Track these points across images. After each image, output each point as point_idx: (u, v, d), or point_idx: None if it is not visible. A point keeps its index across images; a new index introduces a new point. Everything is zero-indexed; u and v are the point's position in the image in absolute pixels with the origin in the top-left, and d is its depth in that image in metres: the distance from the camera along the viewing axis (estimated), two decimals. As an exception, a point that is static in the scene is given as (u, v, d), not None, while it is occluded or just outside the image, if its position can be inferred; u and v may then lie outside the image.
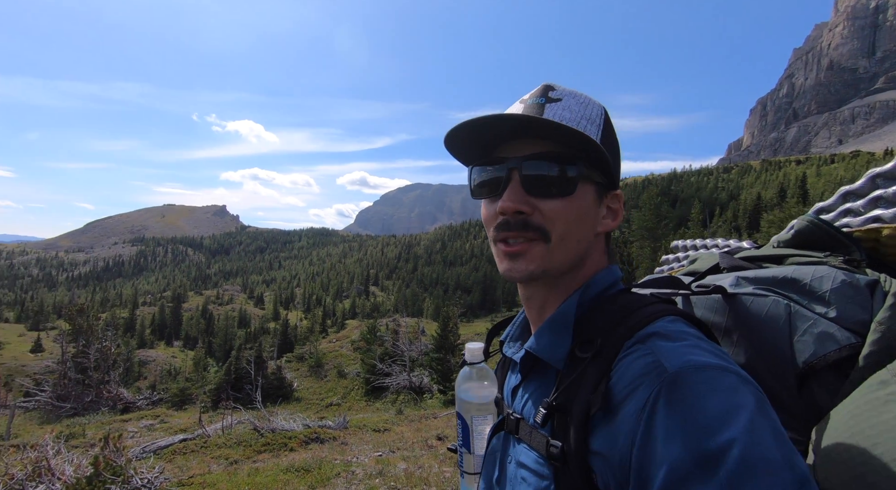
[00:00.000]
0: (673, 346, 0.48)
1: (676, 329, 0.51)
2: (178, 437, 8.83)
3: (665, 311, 0.54)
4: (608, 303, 0.58)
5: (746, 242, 1.24)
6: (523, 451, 0.58)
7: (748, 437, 0.39)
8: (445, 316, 18.23)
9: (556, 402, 0.52)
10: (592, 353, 0.52)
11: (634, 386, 0.46)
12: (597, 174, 0.59)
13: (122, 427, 10.93)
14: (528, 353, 0.61)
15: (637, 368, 0.47)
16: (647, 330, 0.51)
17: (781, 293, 0.67)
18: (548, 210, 0.57)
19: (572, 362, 0.54)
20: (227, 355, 33.66)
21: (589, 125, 0.59)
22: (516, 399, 0.65)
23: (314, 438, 7.87)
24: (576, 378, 0.52)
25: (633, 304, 0.56)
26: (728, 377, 0.43)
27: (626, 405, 0.46)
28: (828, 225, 0.81)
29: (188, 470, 6.29)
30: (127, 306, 70.86)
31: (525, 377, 0.64)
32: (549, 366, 0.59)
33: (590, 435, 0.49)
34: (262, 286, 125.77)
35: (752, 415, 0.40)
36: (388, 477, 5.05)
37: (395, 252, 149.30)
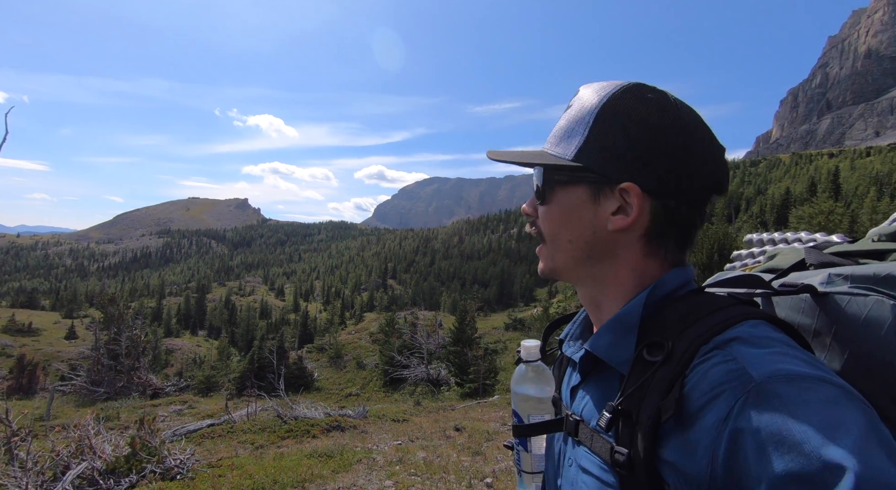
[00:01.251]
0: (758, 352, 0.44)
1: (761, 334, 0.47)
2: (206, 422, 9.18)
3: (747, 314, 0.50)
4: (679, 304, 0.55)
5: (837, 236, 1.13)
6: (584, 454, 0.56)
7: (859, 459, 0.34)
8: (463, 310, 18.32)
9: (621, 406, 0.49)
10: (663, 357, 0.49)
11: (714, 394, 0.42)
12: (589, 174, 0.58)
13: (153, 411, 11.41)
14: (588, 354, 0.59)
15: (716, 376, 0.43)
16: (726, 334, 0.47)
17: (885, 292, 0.57)
18: (540, 214, 0.63)
19: (639, 366, 0.51)
20: (249, 345, 34.57)
21: (577, 126, 0.59)
22: (576, 400, 0.62)
23: (335, 426, 8.09)
24: (644, 382, 0.49)
25: (708, 306, 0.52)
26: (827, 388, 0.39)
27: (704, 415, 0.42)
28: None
29: (216, 453, 6.56)
30: (154, 296, 73.37)
31: (585, 378, 0.61)
32: (612, 368, 0.56)
33: (661, 444, 0.46)
34: (283, 278, 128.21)
35: (861, 431, 0.36)
36: (407, 464, 5.19)
37: (413, 246, 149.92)
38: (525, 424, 0.65)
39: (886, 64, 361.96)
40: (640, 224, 0.56)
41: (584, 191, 0.58)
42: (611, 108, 0.57)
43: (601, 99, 0.58)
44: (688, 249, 0.59)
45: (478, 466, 5.09)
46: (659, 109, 0.55)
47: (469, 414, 9.88)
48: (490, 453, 5.73)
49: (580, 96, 0.61)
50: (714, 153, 0.55)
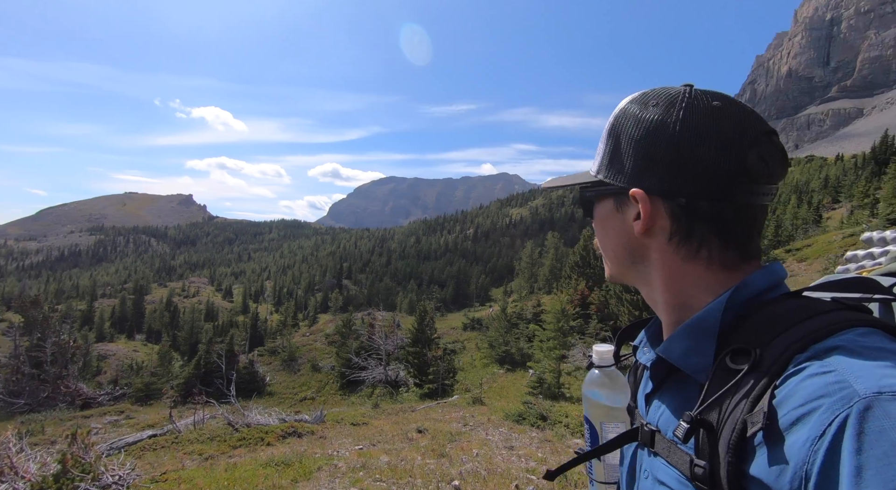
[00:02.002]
0: (865, 364, 0.39)
1: (871, 344, 0.41)
2: (147, 433, 8.53)
3: (854, 320, 0.44)
4: (769, 307, 0.50)
5: None
6: (660, 466, 0.53)
7: None
8: (422, 310, 18.22)
9: (700, 416, 0.46)
10: (750, 365, 0.45)
11: (809, 408, 0.39)
12: (610, 186, 0.60)
13: (84, 423, 10.44)
14: (660, 360, 0.56)
15: (813, 388, 0.39)
16: (827, 343, 0.42)
17: None
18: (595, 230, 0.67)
19: (720, 373, 0.48)
20: (193, 349, 32.58)
21: (601, 144, 0.63)
22: (651, 408, 0.59)
23: (291, 433, 7.75)
24: (727, 392, 0.45)
25: (804, 311, 0.47)
26: None
27: (796, 430, 0.39)
28: None
29: (160, 466, 6.09)
30: (85, 298, 67.41)
31: (659, 386, 0.59)
32: (690, 376, 0.52)
33: (746, 459, 0.42)
34: (231, 279, 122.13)
35: None
36: (371, 470, 5.04)
37: (369, 245, 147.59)
38: (601, 445, 0.61)
39: (804, 84, 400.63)
40: (660, 226, 0.55)
41: (611, 202, 0.61)
42: (618, 121, 0.60)
43: (613, 114, 0.62)
44: (746, 246, 0.54)
45: (444, 469, 5.04)
46: (659, 113, 0.55)
47: (430, 415, 9.82)
48: (455, 455, 5.70)
49: (612, 118, 0.64)
50: (736, 141, 0.51)
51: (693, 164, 0.52)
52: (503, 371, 20.19)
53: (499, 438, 6.83)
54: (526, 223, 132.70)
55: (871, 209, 33.49)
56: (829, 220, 35.74)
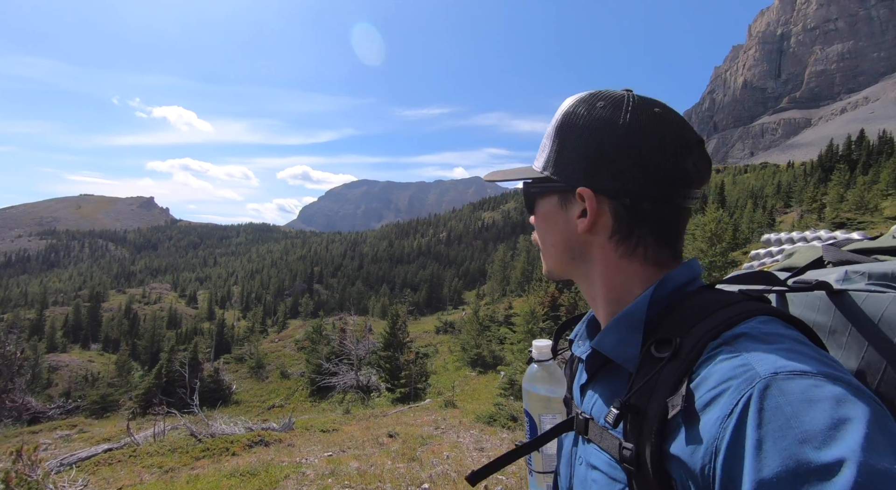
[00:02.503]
0: (766, 348, 0.43)
1: (770, 330, 0.46)
2: (102, 447, 8.10)
3: (756, 310, 0.49)
4: (688, 300, 0.55)
5: (857, 234, 1.07)
6: (593, 452, 0.56)
7: (863, 457, 0.34)
8: (395, 314, 18.11)
9: (629, 402, 0.50)
10: (670, 353, 0.49)
11: (720, 390, 0.42)
12: (556, 183, 0.62)
13: (32, 439, 9.81)
14: (595, 352, 0.60)
15: (723, 371, 0.43)
16: (735, 330, 0.47)
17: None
18: (534, 224, 0.68)
19: (647, 362, 0.52)
20: (153, 358, 31.20)
21: (546, 141, 0.64)
22: (585, 398, 0.63)
23: (258, 441, 7.53)
24: (651, 379, 0.49)
25: (717, 302, 0.52)
26: (835, 386, 0.38)
27: (709, 410, 0.42)
28: None
29: (116, 481, 5.80)
30: (34, 306, 63.36)
31: (593, 376, 0.62)
32: (621, 365, 0.56)
33: (667, 439, 0.46)
34: (196, 284, 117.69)
35: (867, 430, 0.35)
36: (340, 476, 4.97)
37: (341, 249, 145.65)
38: (539, 436, 0.64)
39: (758, 94, 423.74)
40: (602, 224, 0.58)
41: (555, 199, 0.63)
42: (566, 120, 0.61)
43: (560, 112, 0.63)
44: (675, 245, 0.59)
45: (414, 472, 5.02)
46: (608, 115, 0.57)
47: (402, 419, 9.76)
48: (426, 458, 5.69)
49: (559, 110, 0.65)
50: (676, 148, 0.55)
51: (640, 167, 0.55)
52: (475, 374, 20.29)
53: (470, 440, 6.87)
54: (498, 226, 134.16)
55: (819, 213, 35.85)
56: (782, 224, 37.88)
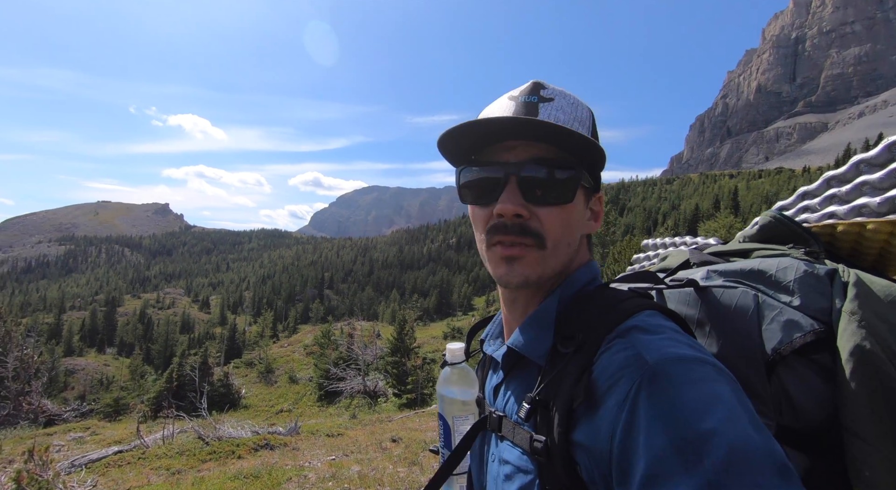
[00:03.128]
0: (652, 338, 0.49)
1: (655, 322, 0.52)
2: (112, 449, 8.25)
3: (643, 305, 0.55)
4: (588, 298, 0.59)
5: (713, 239, 1.32)
6: (506, 448, 0.58)
7: (728, 426, 0.39)
8: (402, 319, 18.19)
9: (539, 396, 0.52)
10: (574, 348, 0.53)
11: (616, 378, 0.46)
12: (587, 178, 0.61)
13: (46, 441, 10.02)
14: (511, 350, 0.62)
15: (618, 361, 0.48)
16: (626, 324, 0.52)
17: (749, 284, 0.69)
18: (545, 217, 0.58)
19: (554, 358, 0.55)
20: (167, 362, 31.67)
21: (580, 127, 0.59)
22: (498, 397, 0.65)
23: (264, 445, 7.62)
24: (558, 373, 0.52)
25: (612, 299, 0.57)
26: (705, 368, 0.44)
27: (608, 397, 0.46)
28: (789, 220, 0.89)
29: (124, 482, 5.92)
30: (52, 311, 64.91)
31: (507, 374, 0.64)
32: (532, 362, 0.59)
33: (573, 428, 0.49)
34: (209, 289, 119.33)
35: (730, 404, 0.41)
36: (341, 480, 5.01)
37: (352, 255, 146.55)
38: (464, 441, 0.63)
39: (772, 98, 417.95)
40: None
41: (583, 194, 0.62)
42: (592, 118, 0.63)
43: (587, 106, 0.62)
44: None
45: (414, 476, 5.05)
46: (590, 116, 0.63)
47: (407, 424, 9.78)
48: (427, 462, 5.71)
49: (565, 94, 0.61)
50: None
51: (601, 168, 0.64)
52: (483, 380, 20.19)
53: (472, 446, 6.86)
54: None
55: (835, 219, 35.05)
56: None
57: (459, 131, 0.58)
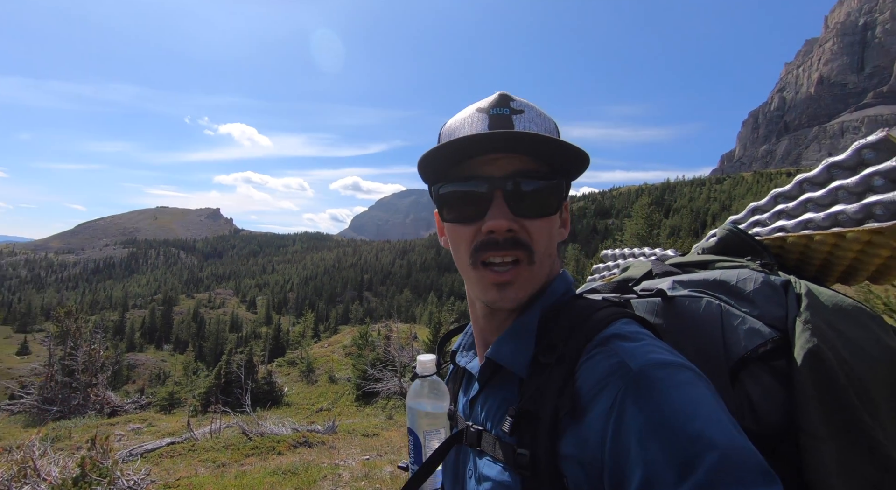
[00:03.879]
0: (633, 346, 0.49)
1: (632, 330, 0.53)
2: (166, 441, 8.79)
3: (619, 314, 0.56)
4: (566, 309, 0.60)
5: (671, 251, 1.38)
6: (487, 463, 0.57)
7: (716, 429, 0.40)
8: (437, 322, 18.28)
9: (522, 408, 0.52)
10: (556, 358, 0.53)
11: (601, 387, 0.47)
12: (565, 188, 0.61)
13: (108, 430, 10.83)
14: (489, 362, 0.61)
15: (602, 370, 0.48)
16: (605, 332, 0.53)
17: (713, 294, 0.72)
18: (533, 229, 0.58)
19: (535, 369, 0.55)
20: (217, 359, 33.41)
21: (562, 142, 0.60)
22: (475, 410, 0.64)
23: (302, 442, 7.87)
24: (541, 384, 0.52)
25: (589, 309, 0.58)
26: (686, 372, 0.46)
27: (594, 406, 0.46)
28: (744, 233, 0.93)
29: (175, 472, 6.29)
30: (117, 309, 70.22)
31: (483, 387, 0.64)
32: (510, 374, 0.58)
33: (559, 439, 0.49)
34: (255, 290, 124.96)
35: (713, 406, 0.42)
36: (373, 479, 5.10)
37: (390, 258, 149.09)
38: (435, 455, 0.61)
39: (836, 90, 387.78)
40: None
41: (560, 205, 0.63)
42: (558, 130, 0.64)
43: (551, 118, 0.64)
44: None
45: None
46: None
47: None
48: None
49: (532, 106, 0.62)
50: None
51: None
52: (520, 385, 19.89)
53: (506, 453, 6.79)
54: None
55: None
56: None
57: (442, 149, 0.57)
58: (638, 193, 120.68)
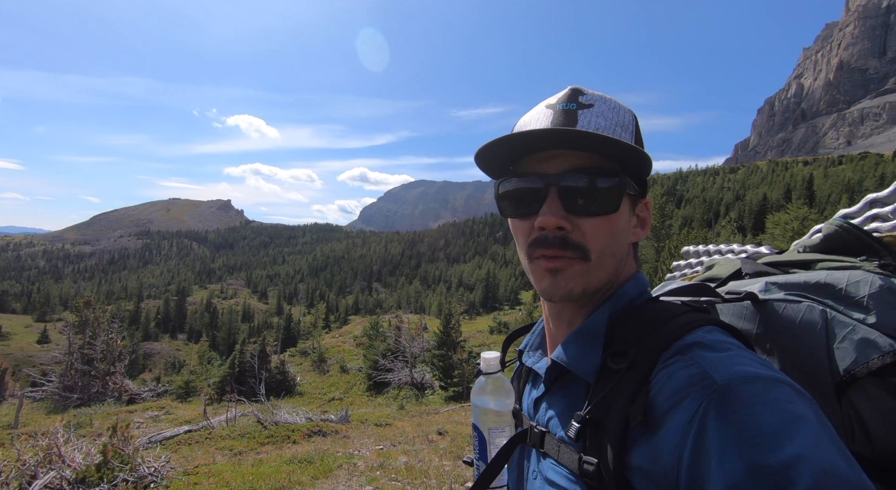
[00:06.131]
0: (718, 356, 0.45)
1: (717, 339, 0.49)
2: (183, 428, 8.98)
3: (701, 321, 0.52)
4: (638, 313, 0.56)
5: (765, 248, 1.21)
6: (550, 466, 0.55)
7: (814, 452, 0.36)
8: (448, 313, 18.31)
9: (589, 415, 0.49)
10: (627, 365, 0.50)
11: (679, 398, 0.43)
12: (632, 185, 0.58)
13: (128, 417, 11.09)
14: (555, 364, 0.59)
15: (680, 380, 0.44)
16: (686, 340, 0.49)
17: (815, 299, 0.63)
18: (588, 228, 0.55)
19: (604, 374, 0.52)
20: (230, 349, 33.96)
21: (623, 132, 0.57)
22: (539, 411, 0.62)
23: (317, 431, 7.98)
24: (610, 391, 0.49)
25: (665, 314, 0.54)
26: (782, 388, 0.41)
27: (669, 418, 0.43)
28: (858, 229, 0.78)
29: (193, 460, 6.42)
30: (132, 299, 71.61)
31: (549, 389, 0.61)
32: (577, 378, 0.56)
33: (628, 451, 0.46)
34: (266, 281, 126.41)
35: (814, 428, 0.38)
36: (388, 469, 5.15)
37: (399, 249, 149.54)
38: (500, 454, 0.60)
39: (857, 76, 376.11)
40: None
41: (628, 202, 0.59)
42: (636, 118, 0.61)
43: (629, 109, 0.60)
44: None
45: (459, 471, 5.09)
46: (634, 123, 0.61)
47: (453, 418, 9.86)
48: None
49: (605, 99, 0.59)
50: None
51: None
52: (530, 376, 19.92)
53: (518, 443, 6.81)
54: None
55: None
56: (884, 221, 33.48)
57: (498, 144, 0.57)
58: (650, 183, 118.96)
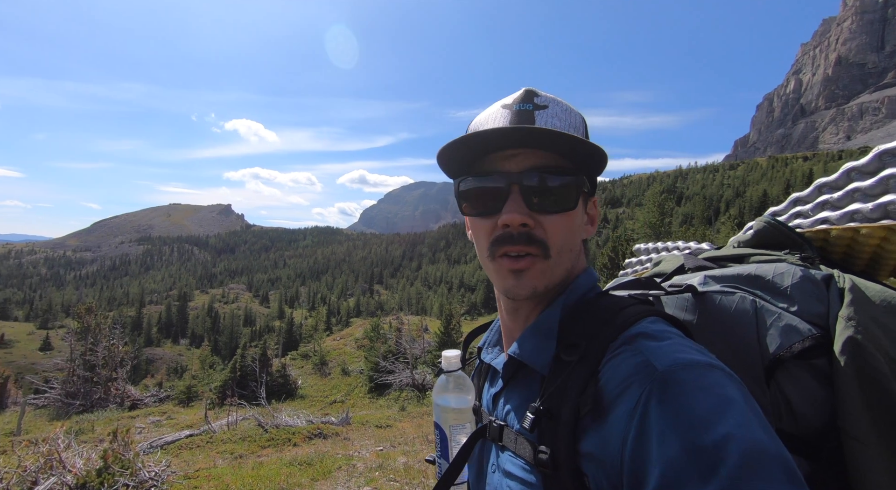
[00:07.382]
0: (660, 345, 0.48)
1: (659, 329, 0.52)
2: (185, 433, 9.01)
3: (646, 312, 0.55)
4: (589, 306, 0.59)
5: (706, 244, 1.35)
6: (508, 459, 0.57)
7: (742, 431, 0.39)
8: (448, 314, 18.34)
9: (543, 406, 0.51)
10: (578, 357, 0.52)
11: (625, 386, 0.46)
12: (586, 183, 0.60)
13: (129, 423, 11.13)
14: (512, 359, 0.61)
15: (626, 369, 0.47)
16: (631, 331, 0.52)
17: (747, 290, 0.69)
18: (549, 225, 0.57)
19: (557, 367, 0.54)
20: (232, 353, 34.02)
21: (576, 134, 0.59)
22: (498, 406, 0.64)
23: (317, 434, 8.01)
24: (562, 382, 0.51)
25: (614, 307, 0.57)
26: (714, 373, 0.44)
27: (616, 406, 0.46)
28: (783, 225, 0.88)
29: (194, 464, 6.45)
30: (134, 305, 71.67)
31: (507, 384, 0.63)
32: (533, 371, 0.58)
33: (580, 438, 0.48)
34: (268, 285, 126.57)
35: (742, 409, 0.41)
36: (387, 470, 5.18)
37: (400, 250, 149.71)
38: (462, 450, 0.61)
39: (855, 70, 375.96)
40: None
41: (581, 200, 0.61)
42: (586, 125, 0.63)
43: (579, 112, 0.63)
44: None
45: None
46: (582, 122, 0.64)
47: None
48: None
49: (558, 101, 0.61)
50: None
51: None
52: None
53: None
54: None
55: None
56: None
57: (459, 143, 0.58)
58: (649, 181, 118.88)
